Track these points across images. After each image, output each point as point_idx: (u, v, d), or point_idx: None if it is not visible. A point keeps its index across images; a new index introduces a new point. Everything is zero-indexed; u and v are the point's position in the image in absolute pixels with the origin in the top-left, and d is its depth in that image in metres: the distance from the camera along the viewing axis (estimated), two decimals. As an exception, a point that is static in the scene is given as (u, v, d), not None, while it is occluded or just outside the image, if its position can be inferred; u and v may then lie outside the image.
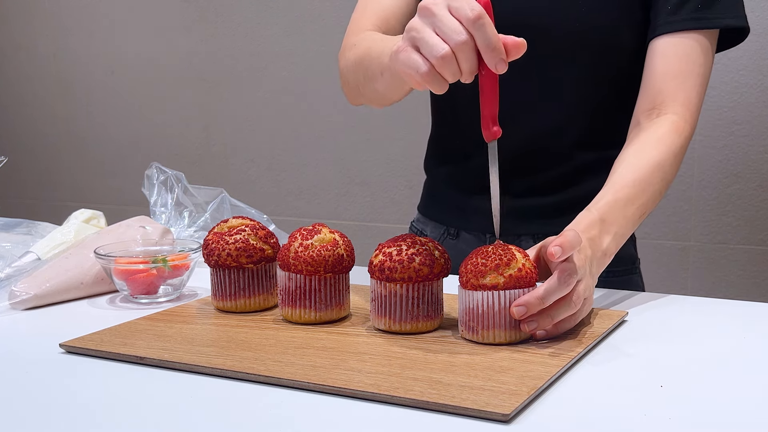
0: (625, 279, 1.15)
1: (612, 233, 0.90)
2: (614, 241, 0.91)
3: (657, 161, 0.98)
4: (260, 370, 0.72)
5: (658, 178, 0.98)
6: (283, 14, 2.31)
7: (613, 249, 0.91)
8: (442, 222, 1.23)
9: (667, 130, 1.01)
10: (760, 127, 1.79)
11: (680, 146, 1.01)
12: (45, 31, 2.72)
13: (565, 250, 0.76)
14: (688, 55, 1.03)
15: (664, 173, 0.99)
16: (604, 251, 0.89)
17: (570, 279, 0.77)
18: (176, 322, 0.88)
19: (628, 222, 0.94)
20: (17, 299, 0.96)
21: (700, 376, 0.72)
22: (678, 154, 1.01)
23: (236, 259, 0.90)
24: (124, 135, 2.65)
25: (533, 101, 1.11)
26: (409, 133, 2.15)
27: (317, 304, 0.86)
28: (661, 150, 0.99)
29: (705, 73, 1.04)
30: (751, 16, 1.77)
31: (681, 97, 1.03)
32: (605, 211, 0.92)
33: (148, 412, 0.66)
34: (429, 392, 0.66)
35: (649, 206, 0.98)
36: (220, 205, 1.22)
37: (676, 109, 1.03)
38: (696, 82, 1.03)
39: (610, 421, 0.62)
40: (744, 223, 1.83)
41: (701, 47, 1.03)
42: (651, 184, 0.97)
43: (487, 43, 0.77)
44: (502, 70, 0.79)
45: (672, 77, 1.03)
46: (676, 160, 1.01)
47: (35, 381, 0.73)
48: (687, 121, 1.03)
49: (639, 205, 0.95)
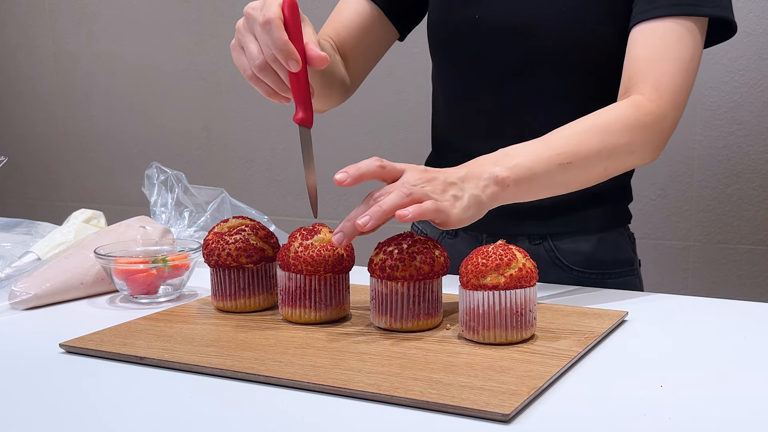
0: (621, 281, 1.15)
1: (512, 164, 0.89)
2: (512, 170, 0.88)
3: (595, 123, 0.96)
4: (260, 370, 0.72)
5: (593, 136, 0.95)
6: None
7: (508, 175, 0.88)
8: None
9: (621, 104, 0.99)
10: (760, 127, 1.79)
11: (636, 118, 0.97)
12: (45, 31, 2.73)
13: (349, 173, 0.82)
14: (661, 39, 1.01)
15: (606, 135, 0.95)
16: (494, 176, 0.87)
17: (369, 200, 0.82)
18: (176, 322, 0.88)
19: (540, 159, 0.91)
20: (17, 299, 0.96)
21: (700, 376, 0.72)
22: (633, 126, 0.97)
23: (236, 259, 0.90)
24: (124, 135, 2.65)
25: (524, 103, 1.11)
26: (409, 134, 2.16)
27: (317, 304, 0.86)
28: (604, 116, 0.97)
29: (682, 58, 1.01)
30: (751, 16, 1.77)
31: (650, 79, 1.00)
32: (513, 147, 0.92)
33: (148, 412, 0.66)
34: (429, 392, 0.66)
35: (579, 161, 0.93)
36: (220, 205, 1.22)
37: (642, 90, 1.00)
38: (670, 65, 1.00)
39: (610, 421, 0.62)
40: (744, 223, 1.83)
41: (677, 33, 1.01)
42: (580, 139, 0.94)
43: (275, 46, 0.86)
44: (294, 69, 0.88)
45: (644, 61, 1.01)
46: (628, 130, 0.96)
47: (35, 381, 0.73)
48: (653, 101, 0.99)
49: (560, 153, 0.92)
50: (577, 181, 0.96)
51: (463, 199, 0.85)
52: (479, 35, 1.12)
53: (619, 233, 1.18)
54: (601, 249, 1.15)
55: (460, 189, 0.85)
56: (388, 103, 2.19)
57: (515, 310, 0.78)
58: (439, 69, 1.21)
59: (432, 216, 0.82)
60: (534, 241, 1.14)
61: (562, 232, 1.14)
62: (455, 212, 0.84)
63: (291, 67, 0.87)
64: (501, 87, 1.12)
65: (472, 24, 1.12)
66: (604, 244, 1.15)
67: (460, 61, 1.15)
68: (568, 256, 1.14)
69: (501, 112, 1.12)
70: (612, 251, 1.16)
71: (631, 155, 0.99)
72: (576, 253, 1.14)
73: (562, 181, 0.94)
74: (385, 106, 2.20)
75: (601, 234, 1.16)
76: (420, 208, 0.81)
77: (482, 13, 1.11)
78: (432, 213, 0.81)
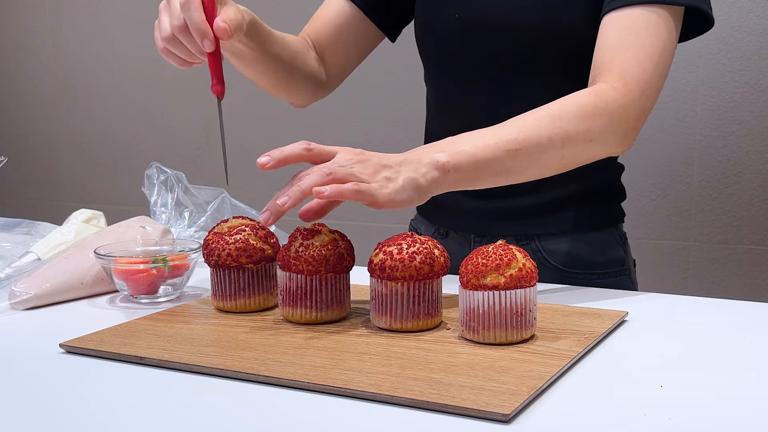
0: (610, 281, 1.13)
1: (455, 150, 0.88)
2: (454, 156, 0.88)
3: (551, 110, 0.94)
4: (260, 370, 0.72)
5: (546, 123, 0.93)
6: (282, 14, 2.31)
7: (448, 160, 0.87)
8: (433, 222, 1.25)
9: (582, 92, 0.97)
10: (760, 127, 1.79)
11: (594, 106, 0.95)
12: (45, 31, 2.72)
13: (272, 156, 0.84)
14: (628, 27, 0.99)
15: (560, 122, 0.93)
16: (434, 161, 0.86)
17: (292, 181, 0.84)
18: (176, 322, 0.88)
19: (486, 146, 0.90)
20: (17, 299, 0.96)
21: (700, 376, 0.72)
22: (591, 113, 0.94)
23: (236, 259, 0.90)
24: (124, 135, 2.65)
25: (506, 101, 1.10)
26: (409, 134, 2.15)
27: (318, 304, 0.86)
28: (561, 103, 0.95)
29: (652, 45, 0.98)
30: (751, 16, 1.77)
31: (616, 66, 0.98)
32: (463, 134, 0.92)
33: (148, 412, 0.66)
34: (429, 392, 0.66)
35: (529, 148, 0.92)
36: (221, 205, 1.22)
37: (607, 78, 0.98)
38: (637, 52, 0.98)
39: (610, 421, 0.62)
40: (744, 223, 1.83)
41: (647, 20, 0.99)
42: (533, 126, 0.92)
43: (192, 24, 0.93)
44: (209, 49, 0.94)
45: (610, 49, 0.99)
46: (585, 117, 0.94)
47: (35, 381, 0.73)
48: (617, 89, 0.97)
49: (509, 140, 0.91)
50: (531, 169, 0.94)
51: (397, 181, 0.84)
52: (460, 35, 1.12)
53: (609, 233, 1.17)
54: (590, 249, 1.14)
55: (396, 172, 0.85)
56: (387, 103, 2.19)
57: (515, 310, 0.78)
58: (427, 70, 1.22)
59: (352, 196, 0.82)
60: (521, 241, 1.14)
61: (549, 232, 1.14)
62: (384, 192, 0.83)
63: (206, 47, 0.94)
64: (486, 86, 1.12)
65: (452, 24, 1.13)
66: (592, 244, 1.15)
67: (444, 61, 1.16)
68: (555, 257, 1.13)
69: (488, 111, 1.11)
70: (601, 251, 1.15)
71: (590, 143, 0.95)
72: (564, 254, 1.13)
73: (512, 169, 0.92)
74: (385, 106, 2.20)
75: (590, 234, 1.15)
76: (339, 187, 0.81)
77: (461, 13, 1.11)
78: (352, 193, 0.82)
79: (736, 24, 1.78)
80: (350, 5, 1.21)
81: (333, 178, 0.82)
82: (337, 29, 1.22)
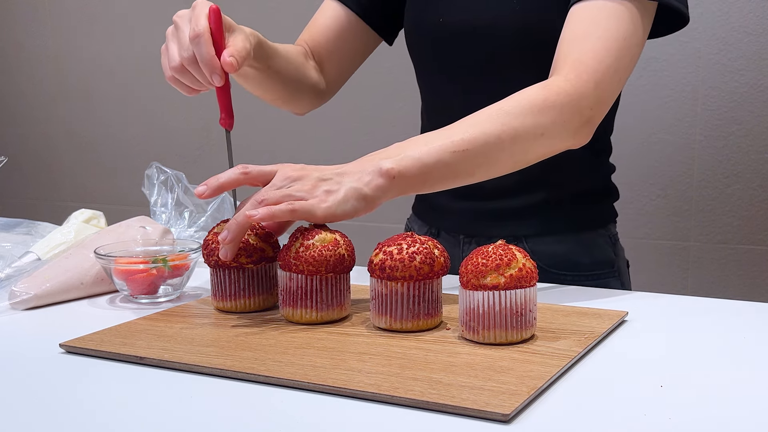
0: (599, 283, 1.12)
1: (400, 156, 0.87)
2: (398, 162, 0.86)
3: (499, 107, 0.92)
4: (260, 370, 0.72)
5: (494, 121, 0.91)
6: (282, 14, 2.31)
7: (392, 166, 0.86)
8: (426, 222, 1.25)
9: (532, 86, 0.95)
10: (760, 127, 1.79)
11: (543, 99, 0.92)
12: (45, 31, 2.72)
13: (209, 185, 0.87)
14: (591, 18, 0.96)
15: (508, 118, 0.91)
16: (378, 168, 0.86)
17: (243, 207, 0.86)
18: (176, 322, 0.88)
19: (431, 150, 0.88)
20: (17, 299, 0.96)
21: (700, 376, 0.72)
22: (540, 107, 0.92)
23: (236, 259, 0.90)
24: (124, 135, 2.65)
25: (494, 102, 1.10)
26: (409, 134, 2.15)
27: (318, 304, 0.86)
28: (510, 100, 0.93)
29: (613, 37, 0.95)
30: (751, 16, 1.77)
31: (571, 57, 0.96)
32: (410, 139, 0.92)
33: (148, 412, 0.66)
34: (429, 392, 0.66)
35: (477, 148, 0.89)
36: (221, 205, 1.22)
37: (561, 69, 0.96)
38: (596, 44, 0.95)
39: (610, 421, 0.62)
40: (744, 223, 1.83)
41: (610, 12, 0.96)
42: (481, 125, 0.90)
43: (201, 59, 0.95)
44: (218, 83, 0.97)
45: (567, 41, 0.97)
46: (534, 111, 0.92)
47: (35, 381, 0.73)
48: (569, 80, 0.94)
49: (454, 141, 0.89)
50: (481, 169, 0.91)
51: (338, 193, 0.85)
52: (445, 39, 1.13)
53: (598, 234, 1.17)
54: (578, 250, 1.14)
55: (337, 183, 0.86)
56: (387, 103, 2.19)
57: (515, 310, 0.78)
58: (417, 73, 1.23)
59: (285, 216, 0.83)
60: (509, 242, 1.14)
61: (537, 233, 1.14)
62: (323, 207, 0.84)
63: (215, 81, 0.96)
64: (472, 89, 1.13)
65: (437, 28, 1.13)
66: (580, 246, 1.15)
67: (432, 65, 1.17)
68: (544, 258, 1.13)
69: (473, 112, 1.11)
70: (589, 252, 1.15)
71: (541, 138, 0.93)
72: (551, 255, 1.13)
73: (461, 170, 0.90)
74: (384, 107, 2.20)
75: (578, 235, 1.15)
76: (271, 209, 0.83)
77: (445, 16, 1.12)
78: (285, 213, 0.83)
79: (736, 24, 1.78)
80: (346, 11, 1.21)
81: (265, 204, 0.84)
82: (334, 36, 1.22)
